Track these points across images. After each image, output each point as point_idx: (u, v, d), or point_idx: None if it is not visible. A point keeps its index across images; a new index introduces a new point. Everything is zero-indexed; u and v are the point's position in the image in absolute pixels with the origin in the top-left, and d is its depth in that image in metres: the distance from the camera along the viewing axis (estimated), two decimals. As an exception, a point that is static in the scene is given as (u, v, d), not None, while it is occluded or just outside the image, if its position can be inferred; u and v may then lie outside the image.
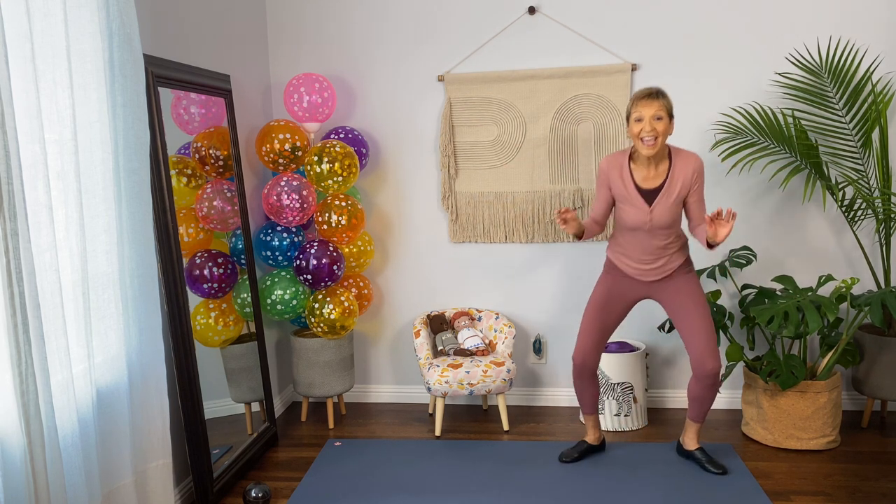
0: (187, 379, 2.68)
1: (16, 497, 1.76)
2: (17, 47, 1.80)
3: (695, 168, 2.76)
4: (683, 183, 2.76)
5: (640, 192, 2.80)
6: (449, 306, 3.86)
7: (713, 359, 2.80)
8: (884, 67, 3.36)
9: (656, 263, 2.86)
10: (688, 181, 2.76)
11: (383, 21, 3.67)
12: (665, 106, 2.69)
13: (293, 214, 3.30)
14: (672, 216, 2.78)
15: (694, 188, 2.77)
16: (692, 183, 2.77)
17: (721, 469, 2.94)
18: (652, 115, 2.67)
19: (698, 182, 2.77)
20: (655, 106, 2.67)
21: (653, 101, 2.68)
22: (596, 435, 3.16)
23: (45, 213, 1.87)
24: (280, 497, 2.88)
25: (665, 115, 2.69)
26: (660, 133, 2.68)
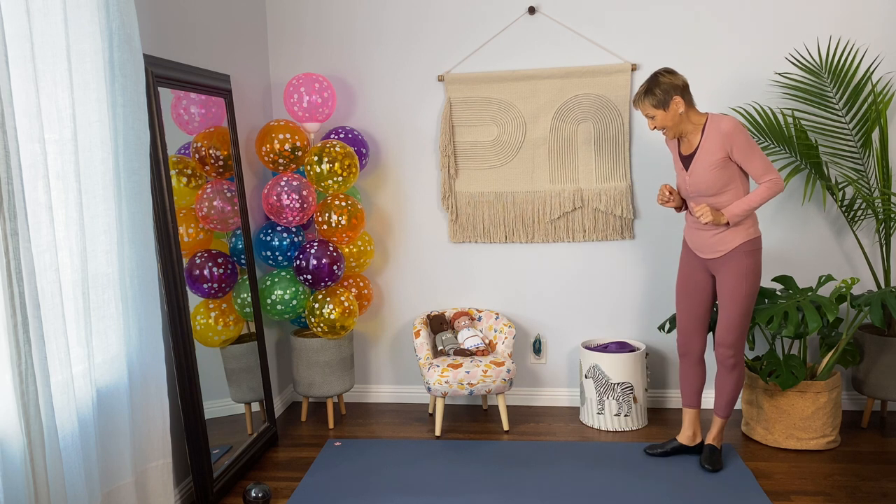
0: (187, 379, 2.68)
1: (16, 497, 1.76)
2: (17, 47, 1.80)
3: (724, 131, 2.71)
4: (715, 146, 2.73)
5: (682, 158, 2.88)
6: (449, 306, 3.86)
7: (723, 346, 2.88)
8: (884, 67, 3.36)
9: (708, 240, 2.85)
10: (719, 144, 2.72)
11: (383, 21, 3.67)
12: (651, 104, 2.75)
13: (293, 214, 3.30)
14: (711, 181, 2.75)
15: (732, 150, 2.71)
16: (726, 144, 2.71)
17: (712, 467, 2.95)
18: (646, 115, 2.80)
19: (733, 143, 2.70)
20: (642, 108, 2.79)
21: (639, 105, 2.80)
22: (689, 434, 3.08)
23: (45, 213, 1.87)
24: (280, 497, 2.88)
25: (656, 111, 2.75)
26: (662, 126, 2.78)
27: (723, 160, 2.73)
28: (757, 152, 2.72)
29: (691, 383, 3.07)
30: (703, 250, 2.89)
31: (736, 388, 2.96)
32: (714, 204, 2.80)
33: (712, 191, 2.78)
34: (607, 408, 3.43)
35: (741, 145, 2.70)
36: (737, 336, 2.86)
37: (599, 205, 3.60)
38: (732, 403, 2.99)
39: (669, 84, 2.73)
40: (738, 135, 2.70)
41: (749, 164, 2.73)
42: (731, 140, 2.70)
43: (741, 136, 2.70)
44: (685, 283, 3.00)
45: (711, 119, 2.77)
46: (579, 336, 3.76)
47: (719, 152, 2.73)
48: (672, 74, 2.76)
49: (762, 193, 2.71)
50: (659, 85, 2.73)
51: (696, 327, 3.00)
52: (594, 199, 3.61)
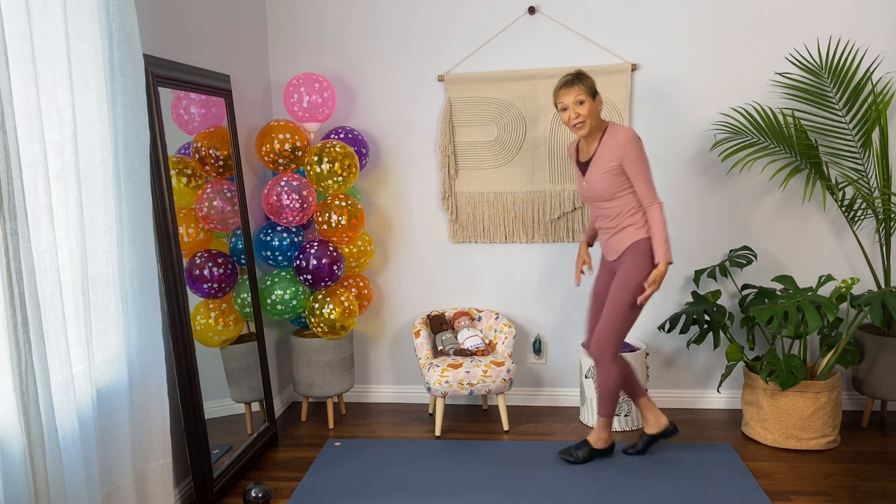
0: (187, 379, 2.68)
1: (16, 497, 1.76)
2: (17, 47, 1.80)
3: (621, 141, 2.81)
4: (611, 154, 2.83)
5: (579, 165, 2.98)
6: (449, 306, 3.86)
7: (595, 344, 2.93)
8: (884, 67, 3.36)
9: (607, 243, 2.98)
10: (615, 152, 2.82)
11: (383, 21, 3.67)
12: (584, 88, 2.80)
13: (293, 214, 3.30)
14: (606, 186, 2.85)
15: (625, 160, 2.80)
16: (620, 154, 2.81)
17: (565, 455, 3.06)
18: (573, 100, 2.81)
19: (627, 154, 2.80)
20: (574, 91, 2.80)
21: (571, 88, 2.81)
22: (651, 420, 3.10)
23: (45, 213, 1.87)
24: (280, 497, 2.88)
25: (587, 97, 2.80)
26: (585, 115, 2.82)
27: (617, 168, 2.83)
28: (646, 170, 2.82)
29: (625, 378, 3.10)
30: (607, 253, 3.03)
31: (604, 385, 2.95)
32: (607, 208, 2.90)
33: (606, 196, 2.89)
34: (607, 408, 3.43)
35: (634, 158, 2.80)
36: (608, 333, 2.89)
37: (599, 205, 3.60)
38: (607, 402, 2.99)
39: (592, 81, 2.84)
40: (633, 147, 2.80)
41: (637, 180, 2.82)
42: (624, 150, 2.80)
43: (635, 149, 2.80)
44: (596, 286, 3.13)
45: (611, 127, 2.89)
46: (579, 336, 3.76)
47: (613, 160, 2.83)
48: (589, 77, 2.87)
49: (659, 217, 2.80)
50: (588, 76, 2.84)
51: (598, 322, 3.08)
52: (594, 199, 3.61)
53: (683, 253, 3.63)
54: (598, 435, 3.10)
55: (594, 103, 2.82)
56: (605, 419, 3.07)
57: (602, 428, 3.09)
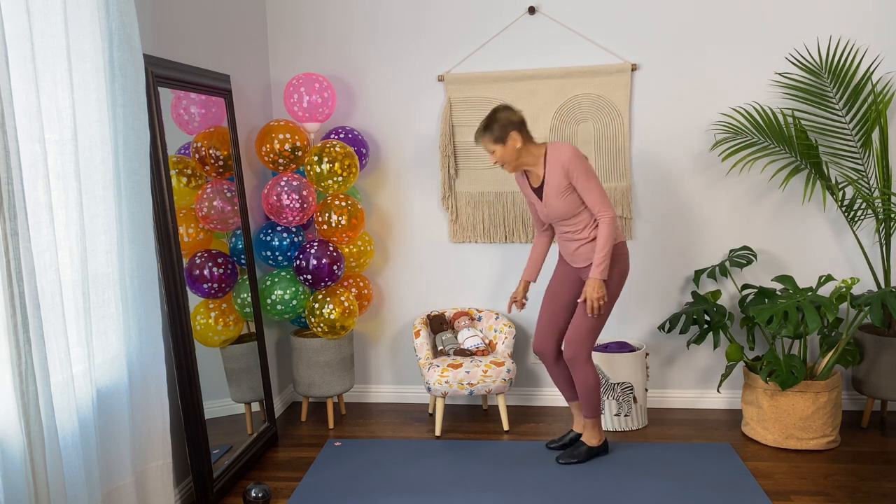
0: (187, 379, 2.68)
1: (16, 497, 1.76)
2: (17, 47, 1.80)
3: (562, 161, 2.84)
4: (558, 175, 2.86)
5: (535, 190, 2.98)
6: (449, 306, 3.86)
7: (570, 347, 2.96)
8: (884, 67, 3.36)
9: (574, 253, 2.98)
10: (561, 173, 2.85)
11: (383, 21, 3.67)
12: (489, 139, 2.85)
13: (293, 214, 3.30)
14: (564, 206, 2.89)
15: (572, 177, 2.84)
16: (566, 173, 2.84)
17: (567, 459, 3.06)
18: (487, 150, 2.90)
19: (572, 170, 2.83)
20: (483, 144, 2.89)
21: (479, 140, 2.90)
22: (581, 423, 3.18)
23: (45, 213, 1.87)
24: (280, 497, 2.88)
25: (494, 146, 2.86)
26: (502, 161, 2.88)
27: (568, 185, 2.86)
28: (595, 183, 2.84)
29: (562, 380, 3.17)
30: (573, 261, 3.02)
31: (585, 387, 3.00)
32: (572, 224, 2.93)
33: (568, 215, 2.91)
34: (607, 408, 3.43)
35: (580, 172, 2.82)
36: (582, 335, 2.94)
37: (599, 205, 3.60)
38: (590, 403, 3.03)
39: (507, 119, 2.83)
40: (577, 162, 2.82)
41: (587, 194, 2.84)
42: (569, 166, 2.82)
43: (580, 164, 2.82)
44: (553, 288, 3.13)
45: (551, 149, 2.89)
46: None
47: (563, 180, 2.86)
48: (509, 110, 2.87)
49: (606, 236, 2.82)
50: (497, 121, 2.84)
51: (551, 330, 3.11)
52: (594, 199, 3.61)
53: (683, 253, 3.63)
54: (589, 435, 3.10)
55: (506, 147, 2.84)
56: (593, 420, 3.08)
57: (593, 428, 3.09)
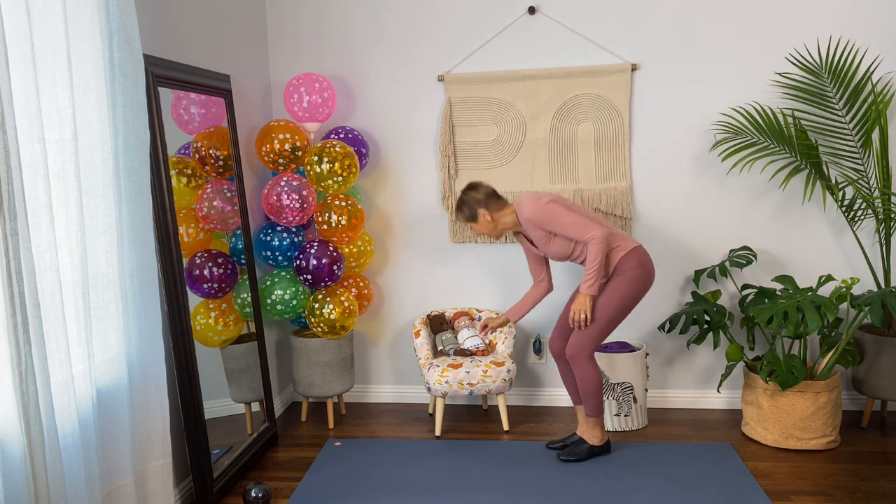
0: (187, 379, 2.68)
1: (16, 497, 1.76)
2: (17, 47, 1.80)
3: (527, 219, 2.99)
4: (533, 231, 3.01)
5: (530, 241, 3.17)
6: (449, 306, 3.86)
7: (572, 346, 3.01)
8: (884, 67, 3.36)
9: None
10: (534, 228, 3.00)
11: (383, 21, 3.67)
12: (462, 219, 3.10)
13: (293, 214, 3.30)
14: (556, 249, 3.02)
15: (545, 228, 2.97)
16: (538, 227, 2.98)
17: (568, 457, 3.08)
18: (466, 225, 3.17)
19: (540, 224, 2.96)
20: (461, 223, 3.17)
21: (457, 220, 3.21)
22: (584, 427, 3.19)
23: (45, 213, 1.87)
24: (280, 497, 2.88)
25: (470, 222, 3.09)
26: (480, 233, 3.13)
27: (548, 234, 2.99)
28: (565, 221, 2.92)
29: (571, 382, 3.22)
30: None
31: (585, 385, 3.03)
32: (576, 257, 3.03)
33: (565, 254, 3.03)
34: (607, 408, 3.43)
35: (548, 222, 2.94)
36: (586, 336, 2.99)
37: (600, 205, 3.60)
38: (591, 402, 3.05)
39: (473, 199, 3.05)
40: (541, 215, 2.94)
41: (566, 233, 2.94)
42: (535, 223, 2.97)
43: (544, 215, 2.94)
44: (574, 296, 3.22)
45: (517, 209, 3.03)
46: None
47: (540, 231, 3.00)
48: (474, 189, 3.06)
49: (593, 255, 2.90)
50: (465, 203, 3.07)
51: (565, 331, 3.19)
52: (594, 200, 3.61)
53: (683, 253, 3.63)
54: (591, 434, 3.11)
55: (479, 223, 3.06)
56: (594, 419, 3.08)
57: (594, 427, 3.10)
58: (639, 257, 2.99)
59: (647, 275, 2.99)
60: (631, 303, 2.99)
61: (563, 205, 2.98)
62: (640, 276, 2.97)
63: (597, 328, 2.98)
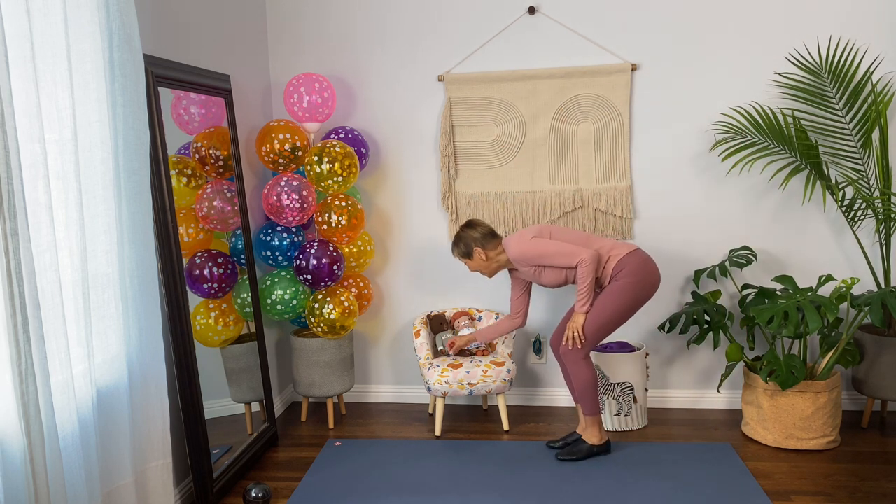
0: (187, 379, 2.68)
1: (16, 497, 1.76)
2: (17, 47, 1.80)
3: (515, 260, 3.07)
4: (524, 266, 3.08)
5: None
6: (449, 306, 3.86)
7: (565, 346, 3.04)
8: (884, 67, 3.36)
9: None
10: (523, 264, 3.07)
11: (383, 21, 3.67)
12: (458, 255, 3.15)
13: (293, 214, 3.30)
14: (550, 279, 3.08)
15: (533, 264, 3.04)
16: (526, 263, 3.06)
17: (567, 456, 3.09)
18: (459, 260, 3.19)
19: (527, 262, 3.04)
20: (454, 255, 3.17)
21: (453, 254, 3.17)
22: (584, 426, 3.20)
23: (45, 213, 1.87)
24: (280, 497, 2.88)
25: (465, 259, 3.14)
26: (474, 270, 3.18)
27: (538, 268, 3.06)
28: (549, 250, 2.99)
29: (569, 378, 3.23)
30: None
31: (578, 383, 3.05)
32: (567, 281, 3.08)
33: (559, 282, 3.09)
34: (607, 408, 3.43)
35: (534, 258, 3.02)
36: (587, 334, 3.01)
37: (599, 205, 3.60)
38: (587, 400, 3.07)
39: (469, 237, 3.10)
40: (527, 254, 3.02)
41: (554, 262, 3.01)
42: (524, 261, 3.05)
43: (530, 253, 3.02)
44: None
45: (505, 248, 3.11)
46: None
47: (529, 267, 3.08)
48: (472, 228, 3.12)
49: (582, 277, 2.97)
50: (461, 239, 3.13)
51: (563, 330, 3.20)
52: (594, 200, 3.61)
53: (683, 253, 3.63)
54: (589, 433, 3.11)
55: (473, 260, 3.12)
56: (592, 418, 3.09)
57: (592, 426, 3.10)
58: (633, 264, 2.99)
59: (642, 280, 2.99)
60: (627, 308, 3.00)
61: (547, 236, 3.05)
62: (633, 283, 2.97)
63: (591, 330, 3.00)
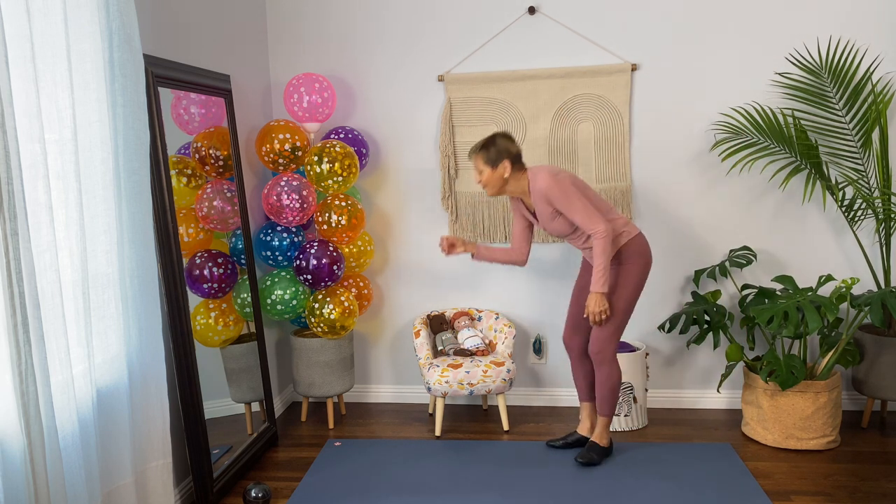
0: (187, 379, 2.68)
1: (16, 497, 1.76)
2: (17, 47, 1.80)
3: (541, 191, 2.89)
4: (542, 201, 2.92)
5: (531, 212, 3.07)
6: (449, 306, 3.86)
7: (595, 345, 3.00)
8: (884, 67, 3.36)
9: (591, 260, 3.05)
10: (543, 201, 2.91)
11: (383, 21, 3.67)
12: (483, 158, 2.90)
13: (293, 214, 3.30)
14: (559, 226, 2.96)
15: (553, 204, 2.89)
16: (547, 201, 2.90)
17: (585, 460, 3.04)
18: (476, 169, 2.95)
19: (551, 198, 2.87)
20: (475, 161, 2.94)
21: (473, 157, 2.95)
22: (587, 426, 3.21)
23: (45, 213, 1.87)
24: (280, 497, 2.88)
25: (485, 167, 2.91)
26: (486, 183, 2.94)
27: (555, 211, 2.91)
28: (576, 204, 2.85)
29: (582, 377, 3.20)
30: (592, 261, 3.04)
31: (607, 385, 3.04)
32: (576, 237, 2.99)
33: (567, 232, 2.98)
34: (607, 408, 3.43)
35: (558, 199, 2.86)
36: (608, 334, 2.98)
37: (599, 205, 3.60)
38: (608, 401, 3.06)
39: (504, 148, 2.90)
40: (554, 190, 2.85)
41: (572, 216, 2.87)
42: (548, 195, 2.88)
43: (557, 191, 2.85)
44: (580, 284, 3.18)
45: (531, 176, 2.93)
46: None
47: (548, 207, 2.91)
48: (508, 140, 2.93)
49: (599, 251, 2.85)
50: (495, 145, 2.90)
51: (578, 326, 3.15)
52: (594, 199, 3.61)
53: (683, 253, 3.63)
54: (602, 434, 3.11)
55: (494, 172, 2.90)
56: (608, 419, 3.09)
57: (605, 427, 3.10)
58: (640, 245, 2.99)
59: (648, 263, 3.01)
60: (639, 292, 3.00)
61: (579, 187, 2.93)
62: (643, 265, 2.99)
63: (616, 323, 2.98)
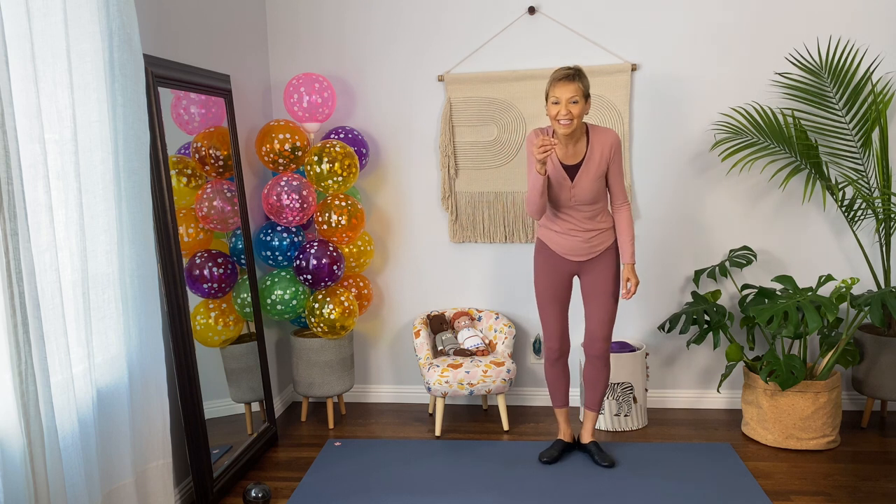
0: (187, 379, 2.68)
1: (16, 497, 1.76)
2: (17, 47, 1.80)
3: (611, 142, 2.82)
4: (602, 157, 2.83)
5: (564, 168, 2.85)
6: (449, 306, 3.86)
7: (602, 339, 2.97)
8: (884, 67, 3.36)
9: (585, 243, 2.91)
10: (605, 155, 2.83)
11: (383, 21, 3.67)
12: (581, 88, 2.70)
13: (293, 214, 3.30)
14: (594, 191, 2.84)
15: (612, 162, 2.84)
16: (610, 157, 2.83)
17: (609, 462, 3.03)
18: (568, 98, 2.70)
19: (616, 156, 2.84)
20: (572, 89, 2.69)
21: (569, 84, 2.70)
22: (569, 432, 3.21)
23: (45, 213, 1.87)
24: (280, 497, 2.88)
25: (581, 98, 2.71)
26: (575, 115, 2.71)
27: (604, 171, 2.84)
28: (622, 171, 2.89)
29: (560, 381, 3.15)
30: (576, 253, 2.94)
31: (606, 381, 3.08)
32: (587, 210, 2.88)
33: (592, 199, 2.86)
34: (607, 408, 3.43)
35: (619, 159, 2.85)
36: (610, 330, 3.00)
37: (599, 205, 3.60)
38: (603, 397, 3.11)
39: (589, 83, 2.77)
40: (620, 148, 2.85)
41: (618, 179, 2.87)
42: (613, 152, 2.83)
43: (619, 151, 2.86)
44: (553, 289, 3.01)
45: (593, 129, 2.86)
46: (579, 336, 3.76)
47: (603, 163, 2.83)
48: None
49: (628, 221, 2.90)
50: (586, 77, 2.76)
51: (564, 330, 3.07)
52: (594, 199, 3.61)
53: (683, 253, 3.63)
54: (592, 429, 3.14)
55: (585, 105, 2.73)
56: (596, 413, 3.13)
57: (590, 421, 3.13)
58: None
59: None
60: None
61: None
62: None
63: (614, 317, 3.00)
